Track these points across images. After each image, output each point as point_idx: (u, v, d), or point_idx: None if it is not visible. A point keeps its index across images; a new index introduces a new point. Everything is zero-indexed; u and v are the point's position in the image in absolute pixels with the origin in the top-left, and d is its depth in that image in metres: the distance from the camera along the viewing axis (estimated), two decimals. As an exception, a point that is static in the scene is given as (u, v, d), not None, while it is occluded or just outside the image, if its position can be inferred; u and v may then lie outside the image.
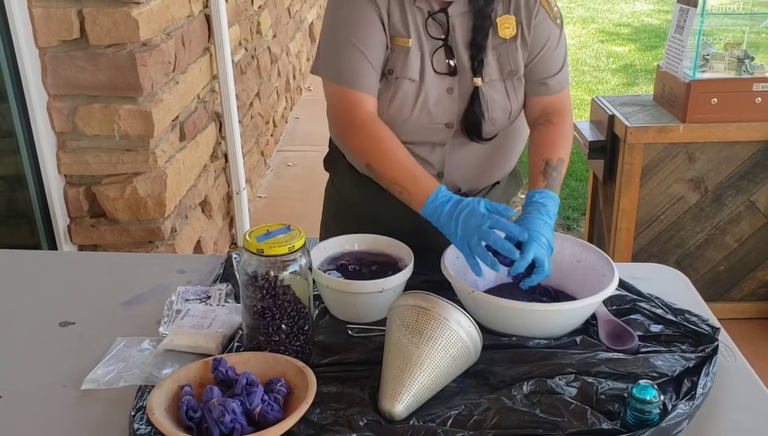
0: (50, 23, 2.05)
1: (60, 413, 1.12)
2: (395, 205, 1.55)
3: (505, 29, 1.41)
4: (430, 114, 1.42)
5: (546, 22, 1.44)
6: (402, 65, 1.39)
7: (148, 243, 2.31)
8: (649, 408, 1.02)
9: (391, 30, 1.39)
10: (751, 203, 2.73)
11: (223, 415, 1.00)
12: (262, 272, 1.13)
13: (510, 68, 1.43)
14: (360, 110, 1.38)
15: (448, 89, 1.42)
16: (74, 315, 1.38)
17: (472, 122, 1.43)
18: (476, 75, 1.41)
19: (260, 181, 4.25)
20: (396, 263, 1.39)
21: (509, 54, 1.43)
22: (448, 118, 1.44)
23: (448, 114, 1.43)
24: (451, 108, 1.43)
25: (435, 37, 1.40)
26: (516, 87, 1.45)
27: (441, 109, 1.42)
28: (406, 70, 1.39)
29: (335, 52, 1.41)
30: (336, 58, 1.40)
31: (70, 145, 2.18)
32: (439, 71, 1.41)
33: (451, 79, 1.41)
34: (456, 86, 1.42)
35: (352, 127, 1.39)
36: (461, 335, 1.12)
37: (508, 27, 1.41)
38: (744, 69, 2.66)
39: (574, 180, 4.47)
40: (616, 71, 7.09)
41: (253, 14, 3.91)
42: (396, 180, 1.34)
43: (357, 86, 1.38)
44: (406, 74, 1.39)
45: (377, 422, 1.06)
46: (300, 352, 1.18)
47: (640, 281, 1.42)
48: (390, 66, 1.40)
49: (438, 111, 1.42)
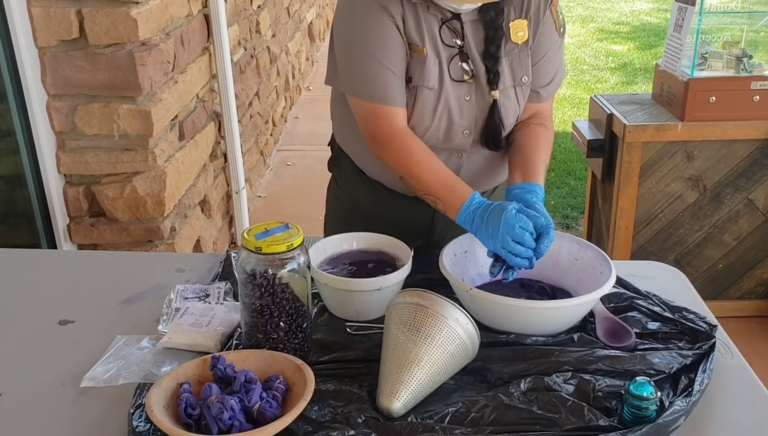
0: (49, 23, 2.05)
1: (59, 411, 1.13)
2: (403, 205, 1.55)
3: (517, 34, 1.39)
4: (452, 121, 1.41)
5: (551, 30, 1.43)
6: (420, 74, 1.37)
7: (148, 242, 2.31)
8: (646, 405, 1.03)
9: (407, 38, 1.36)
10: (750, 201, 2.73)
11: (221, 412, 1.00)
12: (261, 270, 1.14)
13: (522, 74, 1.42)
14: (389, 125, 1.38)
15: (465, 97, 1.41)
16: (73, 314, 1.38)
17: (492, 133, 1.43)
18: (493, 86, 1.39)
19: (259, 180, 4.25)
20: (394, 261, 1.39)
21: (521, 60, 1.41)
22: (467, 125, 1.43)
23: (467, 121, 1.42)
24: (469, 115, 1.42)
25: (449, 44, 1.37)
26: (525, 92, 1.45)
27: (461, 116, 1.41)
28: (424, 78, 1.37)
29: (358, 67, 1.38)
30: (359, 74, 1.38)
31: (70, 144, 2.19)
32: (456, 78, 1.39)
33: (468, 86, 1.40)
34: (473, 94, 1.41)
35: (382, 142, 1.39)
36: (459, 333, 1.13)
37: (521, 31, 1.39)
38: (742, 67, 2.66)
39: (572, 179, 4.47)
40: (614, 70, 7.10)
41: (252, 14, 3.92)
42: (430, 191, 1.35)
43: (385, 101, 1.37)
44: (425, 83, 1.37)
45: (375, 419, 1.06)
46: (298, 349, 1.19)
47: (638, 279, 1.42)
48: (409, 74, 1.38)
49: (458, 118, 1.41)
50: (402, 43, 1.35)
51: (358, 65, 1.37)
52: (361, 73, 1.37)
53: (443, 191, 1.34)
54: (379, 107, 1.37)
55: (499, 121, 1.42)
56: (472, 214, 1.29)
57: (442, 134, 1.43)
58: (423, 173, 1.36)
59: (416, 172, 1.37)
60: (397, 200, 1.40)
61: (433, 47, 1.36)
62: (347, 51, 1.39)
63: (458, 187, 1.34)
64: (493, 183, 1.59)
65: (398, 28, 1.34)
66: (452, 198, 1.32)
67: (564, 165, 4.65)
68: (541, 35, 1.42)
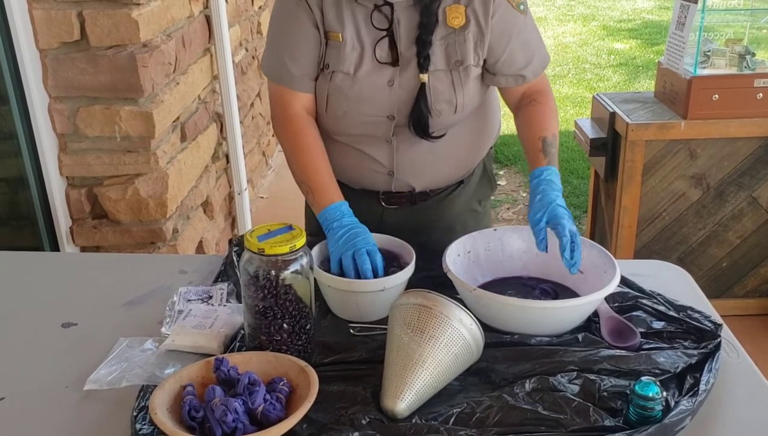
0: (51, 25, 2.05)
1: (62, 414, 1.12)
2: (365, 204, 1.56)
3: (453, 19, 1.40)
4: (366, 105, 1.43)
5: (509, 12, 1.42)
6: (336, 59, 1.42)
7: (150, 244, 2.31)
8: (652, 405, 1.02)
9: (327, 26, 1.41)
10: (754, 199, 2.72)
11: (225, 414, 1.00)
12: (264, 271, 1.13)
13: (457, 58, 1.42)
14: (286, 108, 1.46)
15: (388, 81, 1.42)
16: (76, 316, 1.38)
17: (418, 118, 1.44)
18: (422, 71, 1.41)
19: (262, 181, 4.25)
20: (398, 261, 1.39)
21: (457, 44, 1.42)
22: (389, 110, 1.44)
23: (388, 106, 1.44)
24: (390, 100, 1.43)
25: (379, 27, 1.41)
26: (463, 79, 1.43)
27: (379, 101, 1.43)
28: (340, 63, 1.41)
29: (270, 51, 1.49)
30: (270, 57, 1.48)
31: (72, 146, 2.18)
32: (382, 61, 1.41)
33: (393, 70, 1.42)
34: (397, 78, 1.42)
35: (277, 122, 1.49)
36: (463, 333, 1.12)
37: (457, 17, 1.40)
38: (745, 65, 2.65)
39: (575, 178, 4.47)
40: (617, 68, 7.09)
41: (254, 14, 3.92)
42: (304, 180, 1.44)
43: (285, 83, 1.46)
44: (340, 67, 1.42)
45: (379, 421, 1.06)
46: (302, 351, 1.18)
47: (642, 278, 1.42)
48: (327, 61, 1.43)
49: (375, 103, 1.43)
50: (313, 35, 1.42)
51: (271, 50, 1.48)
52: (269, 56, 1.49)
53: (317, 184, 1.42)
54: (280, 88, 1.47)
55: (426, 107, 1.42)
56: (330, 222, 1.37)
57: (361, 119, 1.45)
58: (305, 161, 1.45)
59: (299, 158, 1.46)
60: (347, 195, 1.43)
61: (355, 33, 1.41)
62: (268, 36, 1.50)
63: (331, 188, 1.42)
64: (440, 182, 1.58)
65: (314, 19, 1.41)
66: (321, 196, 1.40)
67: (567, 164, 4.65)
68: (499, 21, 1.42)
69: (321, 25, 1.41)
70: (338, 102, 1.44)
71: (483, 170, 1.67)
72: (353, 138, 1.50)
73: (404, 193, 1.57)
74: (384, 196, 1.57)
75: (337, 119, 1.46)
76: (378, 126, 1.46)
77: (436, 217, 1.61)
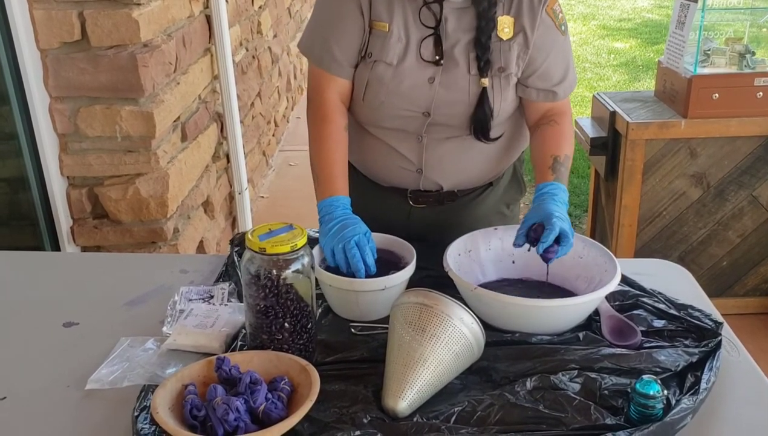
0: (51, 25, 2.05)
1: (64, 414, 1.12)
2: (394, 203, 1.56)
3: (502, 29, 1.41)
4: (404, 100, 1.44)
5: (551, 30, 1.44)
6: (380, 49, 1.42)
7: (151, 244, 2.31)
8: (653, 403, 1.02)
9: (373, 14, 1.42)
10: (754, 198, 2.72)
11: (227, 413, 1.00)
12: (265, 270, 1.14)
13: (500, 65, 1.43)
14: (325, 91, 1.47)
15: (429, 78, 1.42)
16: (78, 316, 1.38)
17: (480, 121, 1.44)
18: (483, 75, 1.41)
19: (262, 181, 4.25)
20: (398, 260, 1.39)
21: (502, 52, 1.42)
22: (425, 106, 1.44)
23: (425, 102, 1.44)
24: (428, 97, 1.43)
25: (426, 25, 1.41)
26: (503, 86, 1.44)
27: (417, 96, 1.43)
28: (383, 54, 1.41)
29: (314, 33, 1.49)
30: (313, 39, 1.49)
31: (72, 146, 2.18)
32: (426, 59, 1.42)
33: (435, 68, 1.42)
34: (438, 77, 1.42)
35: (312, 104, 1.50)
36: (464, 332, 1.12)
37: (506, 28, 1.41)
38: (745, 64, 2.65)
39: (576, 177, 4.47)
40: (617, 67, 7.09)
41: (254, 14, 3.92)
42: (315, 167, 1.45)
43: (327, 67, 1.46)
44: (384, 58, 1.42)
45: (381, 420, 1.06)
46: (303, 350, 1.19)
47: (642, 277, 1.42)
48: (370, 49, 1.43)
49: (413, 98, 1.43)
50: (359, 22, 1.42)
51: (312, 29, 1.50)
52: (313, 37, 1.49)
53: (324, 174, 1.42)
54: (319, 71, 1.48)
55: (489, 111, 1.43)
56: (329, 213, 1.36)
57: (397, 112, 1.45)
58: (322, 149, 1.45)
59: (317, 145, 1.47)
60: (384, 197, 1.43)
61: (403, 26, 1.41)
62: (312, 17, 1.51)
63: (336, 181, 1.42)
64: (468, 183, 1.58)
65: (360, 7, 1.42)
66: (324, 187, 1.41)
67: (567, 163, 4.64)
68: (541, 36, 1.43)
69: (368, 13, 1.42)
70: (377, 92, 1.44)
71: (513, 174, 1.67)
72: (385, 131, 1.50)
73: (432, 192, 1.56)
74: (412, 194, 1.57)
75: (373, 109, 1.46)
76: (412, 121, 1.47)
77: (464, 218, 1.61)
